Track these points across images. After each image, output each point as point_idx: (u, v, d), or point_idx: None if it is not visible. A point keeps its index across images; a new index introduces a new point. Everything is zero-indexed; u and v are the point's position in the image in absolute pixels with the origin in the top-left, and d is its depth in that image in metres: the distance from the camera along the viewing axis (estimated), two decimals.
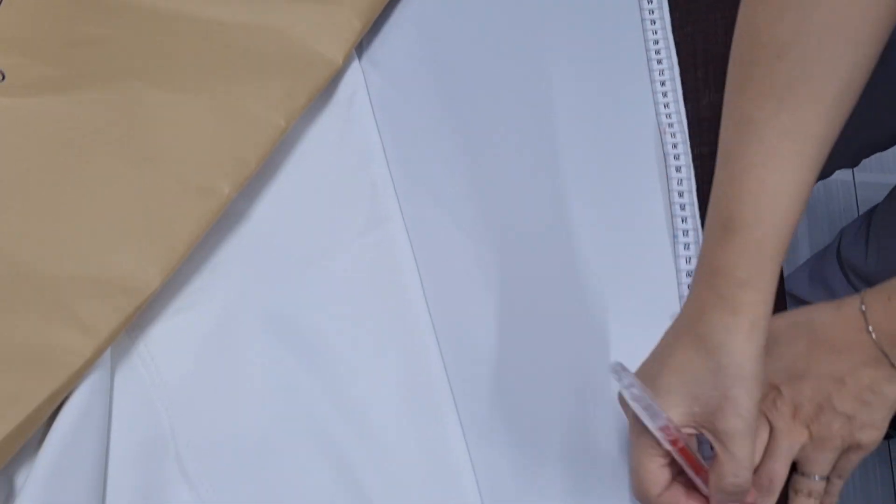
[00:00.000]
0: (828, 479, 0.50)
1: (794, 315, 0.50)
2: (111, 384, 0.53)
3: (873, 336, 0.46)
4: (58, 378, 0.50)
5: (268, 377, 0.55)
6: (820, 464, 0.49)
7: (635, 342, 0.49)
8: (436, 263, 0.59)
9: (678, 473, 0.47)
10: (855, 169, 1.51)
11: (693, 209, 0.58)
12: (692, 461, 0.45)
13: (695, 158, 0.60)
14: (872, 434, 0.48)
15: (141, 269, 0.53)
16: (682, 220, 0.58)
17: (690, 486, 0.47)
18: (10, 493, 0.50)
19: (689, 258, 0.56)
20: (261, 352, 0.55)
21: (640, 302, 0.56)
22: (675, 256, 0.57)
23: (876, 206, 0.93)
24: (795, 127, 0.44)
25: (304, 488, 0.52)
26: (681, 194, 0.58)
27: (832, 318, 0.48)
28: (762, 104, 0.45)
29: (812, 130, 0.45)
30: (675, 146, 0.60)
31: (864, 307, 0.47)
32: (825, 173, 0.94)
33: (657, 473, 0.46)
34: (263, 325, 0.56)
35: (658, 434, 0.44)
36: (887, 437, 1.26)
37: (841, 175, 1.52)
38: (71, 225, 0.54)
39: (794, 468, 0.50)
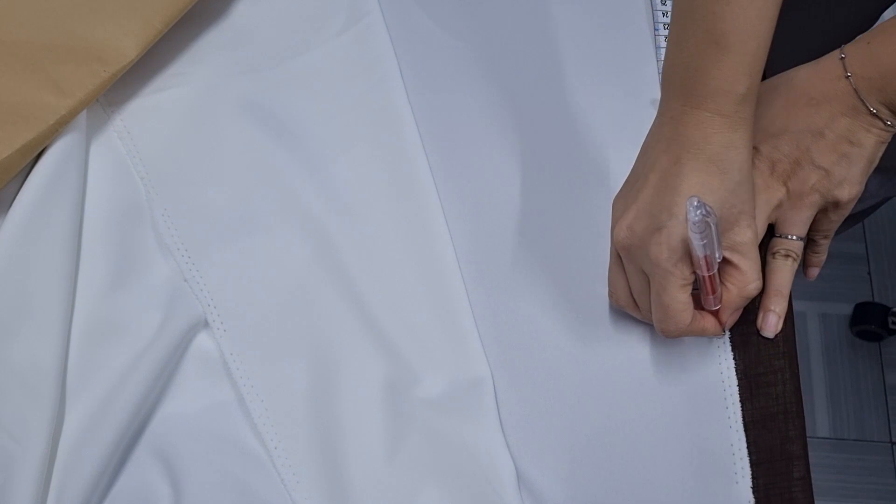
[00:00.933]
0: (813, 240, 0.49)
1: (772, 79, 0.49)
2: (86, 153, 0.53)
3: (851, 82, 0.46)
4: (31, 131, 0.49)
5: (245, 155, 0.54)
6: (796, 224, 0.48)
7: None
8: (417, 57, 0.58)
9: None
10: None
11: None
12: (713, 283, 0.45)
13: None
14: (850, 190, 0.47)
15: (117, 40, 0.53)
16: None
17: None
18: None
19: None
20: (238, 132, 0.55)
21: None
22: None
23: None
24: None
25: (284, 260, 0.52)
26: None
27: (810, 72, 0.48)
28: None
29: None
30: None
31: (843, 55, 0.46)
32: None
33: (688, 303, 0.45)
34: (242, 109, 0.56)
35: (703, 262, 0.43)
36: (878, 337, 1.26)
37: None
38: None
39: (772, 232, 0.50)
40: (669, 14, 0.59)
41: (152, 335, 0.50)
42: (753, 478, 0.48)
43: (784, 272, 0.49)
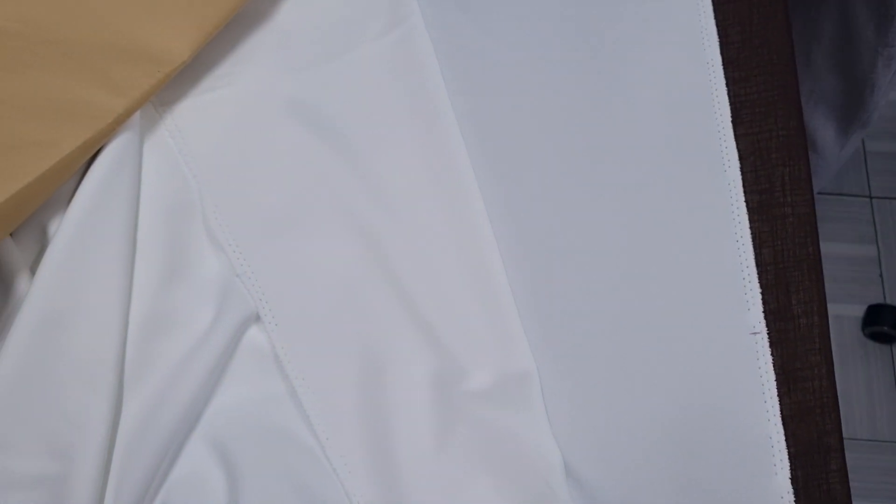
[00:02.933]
0: None
1: None
2: (140, 151, 0.54)
3: None
4: (89, 129, 0.50)
5: (292, 152, 0.56)
6: None
7: None
8: (457, 60, 0.59)
9: None
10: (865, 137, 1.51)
11: None
12: None
13: None
14: None
15: (171, 41, 0.54)
16: None
17: None
18: (44, 240, 0.51)
19: None
20: (286, 130, 0.56)
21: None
22: None
23: None
24: None
25: (332, 256, 0.53)
26: None
27: None
28: None
29: None
30: None
31: None
32: None
33: None
34: (289, 107, 0.57)
35: None
36: (890, 339, 1.28)
37: None
38: None
39: None
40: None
41: (205, 329, 0.51)
42: (792, 469, 0.49)
43: None
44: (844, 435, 0.47)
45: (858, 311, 1.35)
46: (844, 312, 1.35)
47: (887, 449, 1.27)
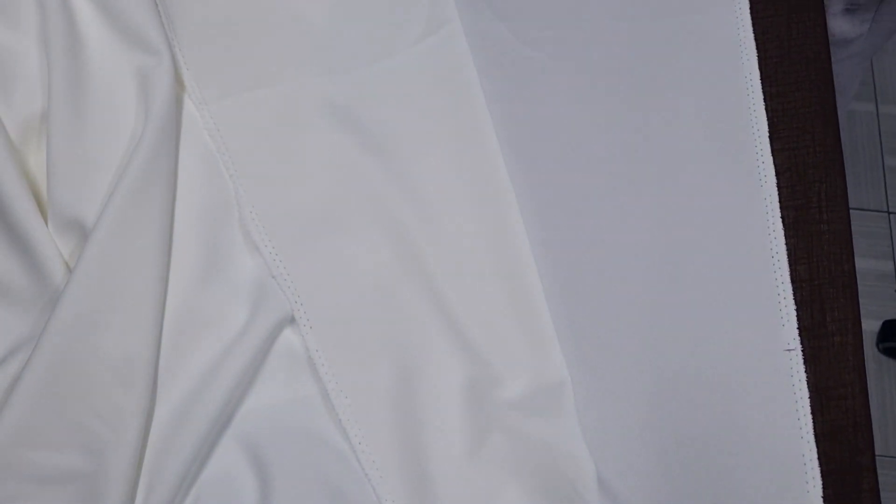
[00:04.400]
0: None
1: None
2: (177, 149, 0.54)
3: None
4: None
5: (329, 155, 0.56)
6: None
7: None
8: (494, 66, 0.59)
9: None
10: (879, 101, 1.52)
11: None
12: None
13: None
14: None
15: None
16: None
17: None
18: (82, 234, 0.51)
19: None
20: (323, 133, 0.56)
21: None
22: None
23: None
24: None
25: (367, 260, 0.53)
26: None
27: None
28: None
29: None
30: None
31: None
32: None
33: None
34: (325, 111, 0.57)
35: None
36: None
37: (864, 106, 1.52)
38: None
39: None
40: None
41: (240, 329, 0.51)
42: (824, 487, 0.49)
43: None
44: None
45: (874, 326, 1.34)
46: (874, 329, 1.35)
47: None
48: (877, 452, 1.25)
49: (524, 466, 0.49)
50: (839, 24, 0.86)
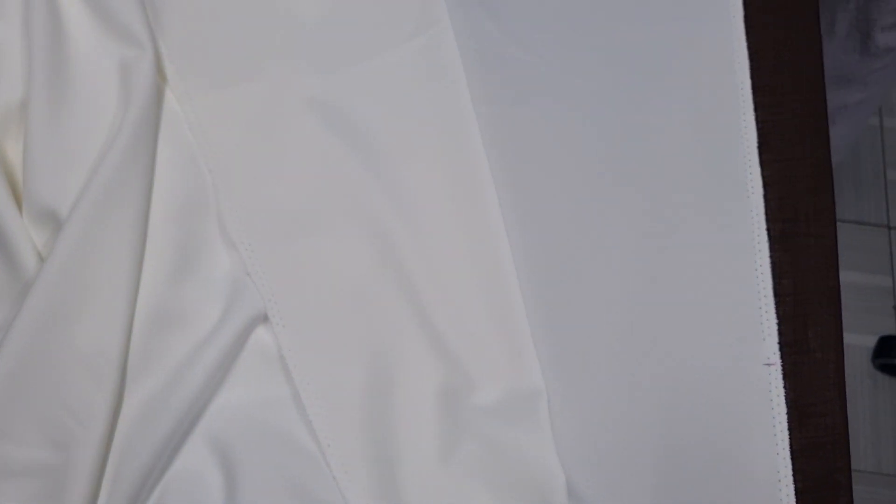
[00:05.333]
0: None
1: None
2: (156, 142, 0.54)
3: None
4: None
5: (312, 153, 0.55)
6: None
7: None
8: (484, 67, 0.59)
9: None
10: (883, 115, 1.51)
11: None
12: None
13: None
14: None
15: None
16: None
17: None
18: (55, 224, 0.51)
19: None
20: (307, 130, 0.56)
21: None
22: None
23: None
24: None
25: (345, 260, 0.53)
26: None
27: None
28: None
29: None
30: None
31: None
32: None
33: None
34: (310, 108, 0.56)
35: None
36: None
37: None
38: None
39: None
40: None
41: (213, 326, 0.50)
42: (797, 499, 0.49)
43: None
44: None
45: (870, 341, 1.33)
46: (855, 342, 1.34)
47: (891, 482, 1.26)
48: (869, 470, 1.24)
49: (495, 475, 0.48)
50: (885, 38, 0.86)
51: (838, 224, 0.56)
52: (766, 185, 0.55)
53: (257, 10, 0.59)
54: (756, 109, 0.57)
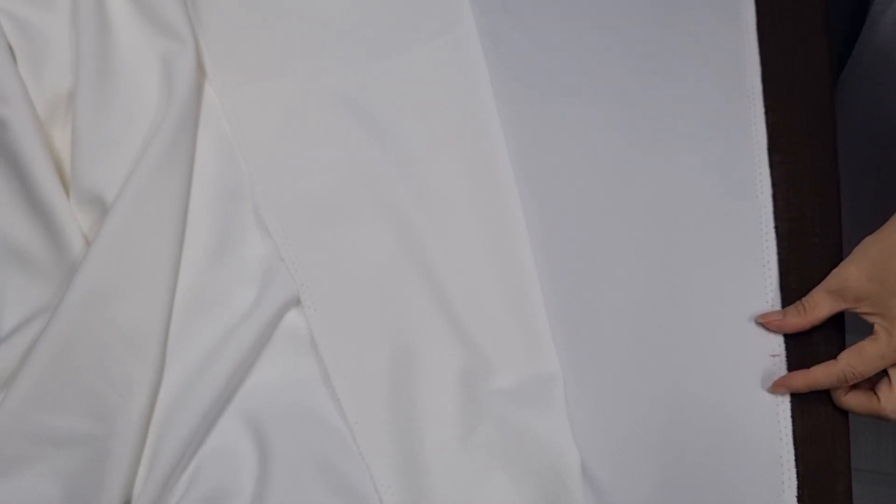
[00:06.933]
0: None
1: None
2: (195, 133, 0.56)
3: None
4: None
5: (340, 146, 0.58)
6: None
7: None
8: (506, 67, 0.61)
9: None
10: None
11: None
12: None
13: None
14: None
15: None
16: None
17: None
18: (101, 208, 0.54)
19: None
20: (335, 124, 0.58)
21: None
22: None
23: None
24: None
25: (372, 248, 0.55)
26: None
27: None
28: None
29: None
30: None
31: None
32: None
33: None
34: (339, 102, 0.59)
35: None
36: None
37: None
38: None
39: None
40: None
41: (248, 309, 0.53)
42: (799, 488, 0.51)
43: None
44: (851, 465, 0.49)
45: None
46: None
47: (891, 481, 1.28)
48: (869, 468, 1.26)
49: (512, 454, 0.51)
50: None
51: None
52: (774, 185, 0.57)
53: (290, 8, 0.61)
54: (766, 112, 0.59)
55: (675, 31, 0.62)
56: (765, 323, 0.53)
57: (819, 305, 0.51)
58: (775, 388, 0.52)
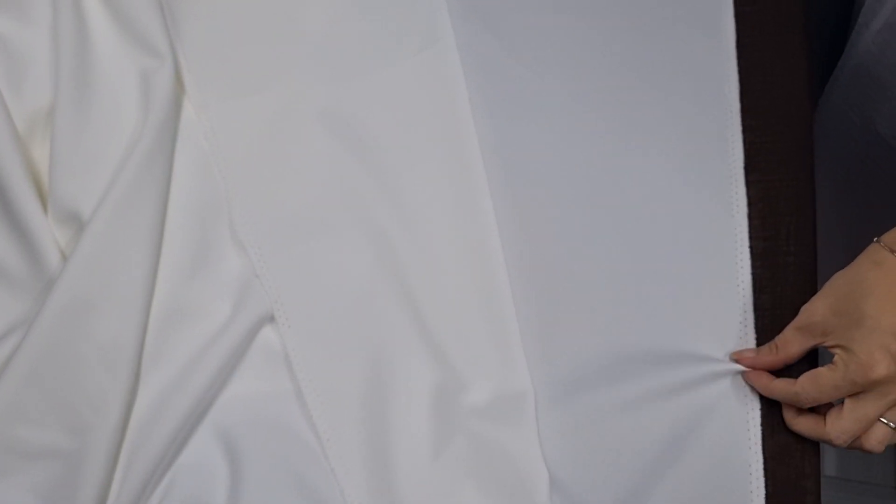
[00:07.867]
0: None
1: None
2: (173, 149, 0.57)
3: None
4: None
5: (320, 161, 0.58)
6: None
7: None
8: (485, 83, 0.61)
9: None
10: None
11: None
12: None
13: None
14: None
15: None
16: None
17: None
18: (77, 224, 0.54)
19: None
20: (315, 139, 0.59)
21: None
22: None
23: None
24: None
25: (348, 264, 0.56)
26: None
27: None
28: None
29: None
30: None
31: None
32: None
33: None
34: (320, 119, 0.59)
35: None
36: None
37: None
38: None
39: None
40: None
41: (222, 324, 0.54)
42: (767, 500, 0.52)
43: None
44: (839, 474, 0.49)
45: None
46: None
47: (880, 492, 1.28)
48: (860, 479, 1.26)
49: (482, 471, 0.51)
50: None
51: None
52: (750, 204, 0.58)
53: (272, 23, 0.62)
54: (743, 131, 0.59)
55: (654, 47, 0.62)
56: (738, 360, 0.53)
57: (790, 343, 0.52)
58: (746, 377, 0.53)
